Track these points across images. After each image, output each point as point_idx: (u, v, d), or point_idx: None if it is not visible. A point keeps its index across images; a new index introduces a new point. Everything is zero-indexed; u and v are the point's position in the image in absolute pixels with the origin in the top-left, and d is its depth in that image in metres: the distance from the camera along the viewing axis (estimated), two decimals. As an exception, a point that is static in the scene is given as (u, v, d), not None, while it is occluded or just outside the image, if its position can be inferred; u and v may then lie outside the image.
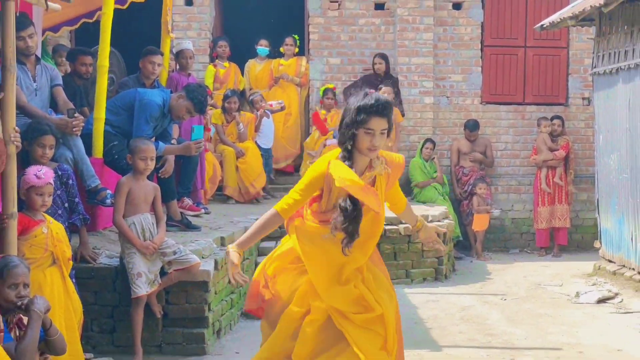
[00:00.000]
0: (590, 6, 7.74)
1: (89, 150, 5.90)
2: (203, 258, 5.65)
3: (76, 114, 5.62)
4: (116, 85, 7.58)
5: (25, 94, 5.47)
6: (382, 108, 3.51)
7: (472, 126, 9.90)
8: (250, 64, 10.07)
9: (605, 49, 8.17)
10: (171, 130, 6.74)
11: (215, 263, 5.74)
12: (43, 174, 4.49)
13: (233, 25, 10.94)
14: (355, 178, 3.49)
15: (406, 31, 9.98)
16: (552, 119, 9.92)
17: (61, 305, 4.43)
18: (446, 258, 8.32)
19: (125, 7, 7.29)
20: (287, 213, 3.67)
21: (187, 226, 6.55)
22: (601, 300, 7.19)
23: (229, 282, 3.78)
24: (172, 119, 6.51)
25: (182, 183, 7.15)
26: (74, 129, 5.52)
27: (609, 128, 8.20)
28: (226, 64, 9.75)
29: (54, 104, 5.88)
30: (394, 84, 9.67)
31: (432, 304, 7.10)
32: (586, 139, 10.22)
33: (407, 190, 9.60)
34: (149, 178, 5.54)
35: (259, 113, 9.17)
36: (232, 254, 3.67)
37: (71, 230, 5.10)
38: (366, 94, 3.58)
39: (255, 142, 9.07)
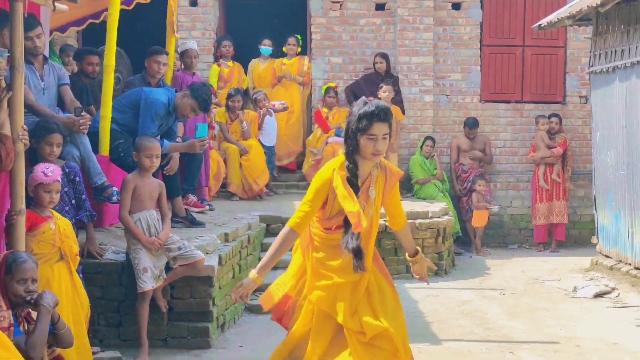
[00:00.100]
0: (587, 6, 7.71)
1: (96, 148, 5.89)
2: (207, 254, 5.63)
3: (83, 113, 5.61)
4: (122, 85, 7.52)
5: (33, 93, 5.45)
6: (383, 114, 3.59)
7: (472, 124, 9.86)
8: (254, 63, 10.04)
9: (602, 48, 8.16)
10: (176, 129, 6.71)
11: (220, 258, 5.73)
12: (51, 172, 4.47)
13: (236, 26, 10.89)
14: (351, 204, 3.59)
15: (406, 31, 9.95)
16: (550, 116, 9.89)
17: (69, 299, 4.41)
18: (446, 253, 8.28)
19: (131, 8, 7.28)
20: (301, 227, 3.69)
21: (192, 222, 6.53)
22: (598, 295, 7.19)
23: (231, 296, 3.85)
24: (177, 118, 6.48)
25: (187, 180, 7.09)
26: (81, 127, 5.52)
27: (605, 125, 8.19)
28: (230, 63, 9.75)
29: (61, 103, 5.86)
30: (395, 83, 9.57)
31: (432, 298, 7.08)
32: (583, 136, 10.20)
33: (408, 187, 9.60)
34: (154, 175, 5.51)
35: (262, 112, 9.13)
36: (248, 282, 3.67)
37: (78, 226, 5.09)
38: (366, 102, 3.66)
39: (258, 140, 9.02)
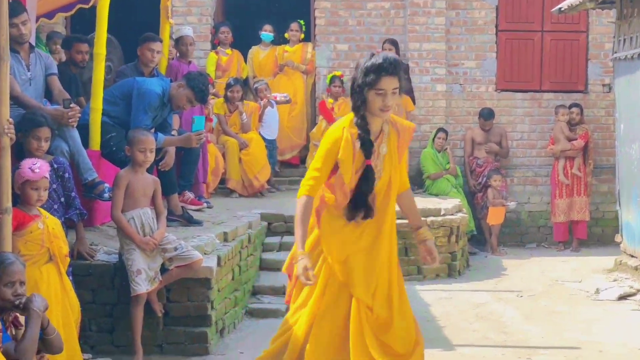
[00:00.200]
0: (612, -12, 7.78)
1: (86, 142, 5.89)
2: (205, 254, 5.64)
3: (72, 105, 5.60)
4: (113, 74, 7.58)
5: (19, 84, 5.44)
6: (392, 67, 3.51)
7: (487, 115, 9.86)
8: (254, 50, 10.05)
9: (626, 33, 8.06)
10: (171, 121, 6.73)
11: (219, 259, 5.72)
12: (38, 168, 4.48)
13: (235, 10, 10.92)
14: (349, 172, 3.66)
15: (417, 15, 9.92)
16: (571, 106, 9.86)
17: (58, 303, 4.43)
18: (460, 253, 8.33)
19: (122, -8, 7.39)
20: (315, 190, 3.73)
21: (189, 221, 6.54)
22: (622, 297, 7.13)
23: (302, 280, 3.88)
24: (172, 109, 6.48)
25: (183, 176, 7.12)
26: (70, 120, 5.50)
27: (630, 116, 8.10)
28: (228, 50, 9.73)
29: (49, 94, 5.86)
30: (405, 71, 9.47)
31: (445, 301, 7.09)
32: (606, 127, 10.18)
33: (419, 183, 9.58)
34: (149, 171, 5.54)
35: (263, 102, 9.15)
36: (305, 260, 3.70)
37: (67, 225, 5.10)
38: (373, 54, 3.61)
39: (259, 133, 9.06)
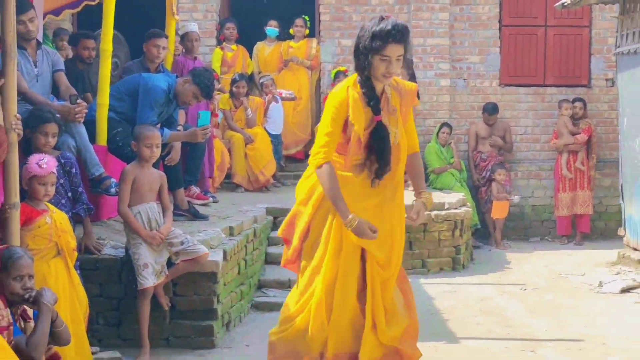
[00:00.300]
0: (615, -18, 7.74)
1: (93, 138, 5.87)
2: (211, 248, 5.63)
3: (79, 100, 5.59)
4: (120, 70, 7.57)
5: (26, 80, 5.43)
6: (400, 34, 3.46)
7: (491, 109, 9.83)
8: (259, 46, 10.02)
9: (629, 28, 8.06)
10: (177, 117, 6.70)
11: (224, 253, 5.70)
12: (45, 163, 4.47)
13: (240, 7, 10.88)
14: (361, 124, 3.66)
15: (421, 11, 9.92)
16: (574, 101, 9.84)
17: (66, 296, 4.42)
18: (464, 247, 8.30)
19: (128, -12, 7.28)
20: (330, 155, 3.71)
21: (195, 215, 6.52)
22: (625, 290, 7.11)
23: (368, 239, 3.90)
24: (178, 105, 6.47)
25: (189, 171, 7.08)
26: (77, 116, 5.48)
27: (633, 110, 8.10)
28: (234, 46, 9.70)
29: (56, 90, 5.83)
30: (409, 66, 9.44)
31: (449, 294, 7.08)
32: (609, 121, 10.13)
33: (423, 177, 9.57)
34: (155, 166, 5.51)
35: (268, 98, 9.12)
36: (358, 222, 3.69)
37: (75, 220, 5.09)
38: (382, 18, 3.53)
39: (264, 128, 9.02)
